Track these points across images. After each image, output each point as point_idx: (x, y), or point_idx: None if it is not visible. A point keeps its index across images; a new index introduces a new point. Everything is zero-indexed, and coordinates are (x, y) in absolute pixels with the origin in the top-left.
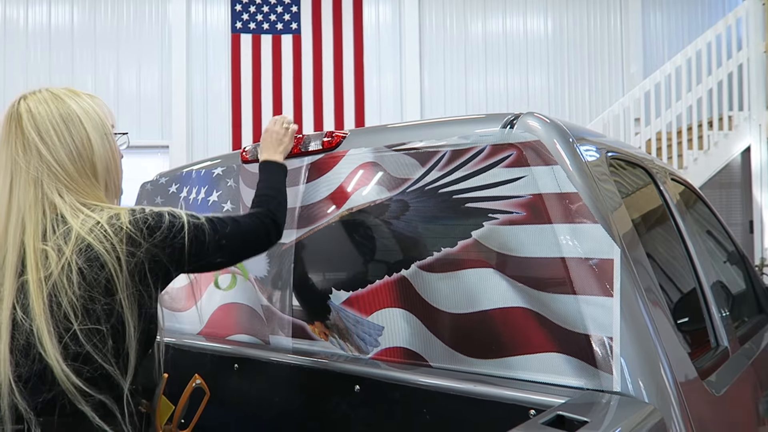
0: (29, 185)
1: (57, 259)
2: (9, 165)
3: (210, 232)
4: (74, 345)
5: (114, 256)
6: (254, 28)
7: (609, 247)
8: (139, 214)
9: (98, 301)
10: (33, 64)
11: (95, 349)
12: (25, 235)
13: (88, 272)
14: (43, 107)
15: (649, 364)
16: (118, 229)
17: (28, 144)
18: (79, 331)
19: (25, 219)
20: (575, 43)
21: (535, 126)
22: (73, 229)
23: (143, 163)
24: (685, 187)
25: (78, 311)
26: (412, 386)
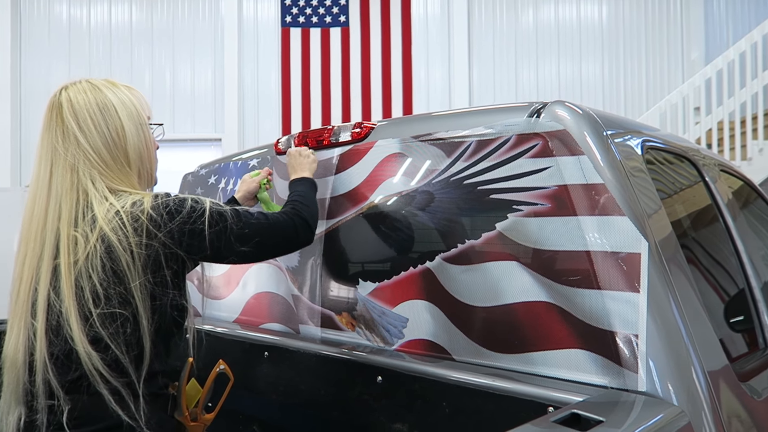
0: (67, 171)
1: (84, 246)
2: (50, 152)
3: (233, 219)
4: (94, 329)
5: (125, 247)
6: (303, 21)
7: (637, 242)
8: (161, 199)
9: (115, 289)
10: (95, 61)
11: (111, 335)
12: (61, 221)
13: (107, 260)
14: (81, 97)
15: (678, 363)
16: (136, 218)
17: (67, 132)
18: (97, 316)
19: (62, 205)
20: (632, 29)
21: (563, 115)
22: (97, 217)
23: (197, 155)
24: (740, 180)
25: (98, 297)
26: (433, 379)
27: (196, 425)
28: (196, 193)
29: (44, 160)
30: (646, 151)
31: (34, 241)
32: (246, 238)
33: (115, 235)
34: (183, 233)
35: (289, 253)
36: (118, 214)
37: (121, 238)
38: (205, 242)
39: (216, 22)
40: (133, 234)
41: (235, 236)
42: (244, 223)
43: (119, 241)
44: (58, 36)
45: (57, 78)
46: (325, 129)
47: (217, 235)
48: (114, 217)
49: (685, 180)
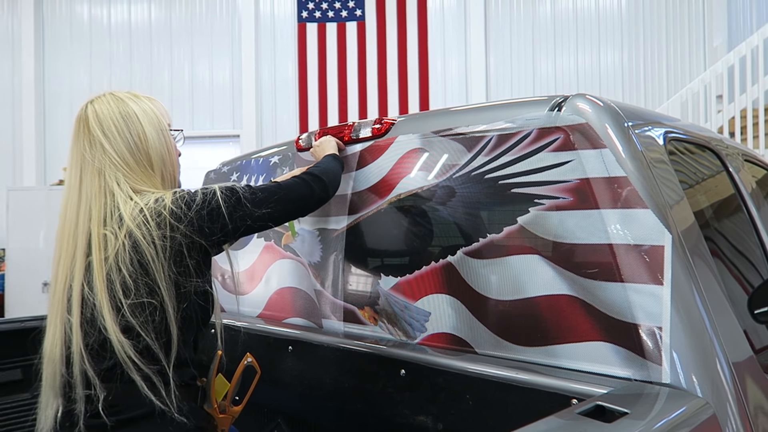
0: (95, 176)
1: (114, 242)
2: (79, 160)
3: (243, 189)
4: (125, 319)
5: (150, 241)
6: (319, 16)
7: (660, 234)
8: (179, 194)
9: (142, 280)
10: (116, 61)
11: (141, 324)
12: (91, 221)
13: (134, 254)
14: (105, 108)
15: (703, 355)
16: (159, 213)
17: (94, 140)
18: (127, 307)
19: (92, 206)
20: (652, 17)
21: (585, 108)
22: (123, 215)
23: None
24: (765, 169)
25: (128, 288)
26: (456, 372)
27: (225, 417)
28: None
29: (74, 168)
30: (668, 142)
31: (67, 242)
32: (261, 202)
33: (139, 231)
34: (202, 218)
35: (309, 210)
36: (141, 211)
37: (144, 233)
38: (225, 218)
39: (233, 19)
40: (156, 228)
41: (251, 202)
42: (255, 190)
43: (143, 235)
44: (79, 37)
45: (79, 78)
46: (345, 125)
47: (234, 207)
48: (138, 215)
49: (707, 170)
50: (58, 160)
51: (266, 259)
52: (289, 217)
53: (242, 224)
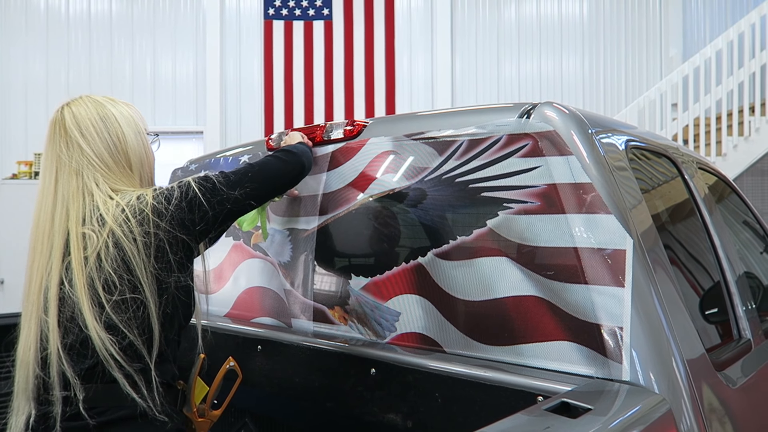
0: (72, 177)
1: (96, 240)
2: (54, 161)
3: (217, 175)
4: (107, 316)
5: (131, 239)
6: (286, 14)
7: (622, 238)
8: (158, 190)
9: (124, 277)
10: (74, 51)
11: (124, 321)
12: (69, 221)
13: (116, 252)
14: (83, 109)
15: (660, 354)
16: (140, 210)
17: (71, 141)
18: (110, 304)
19: (69, 207)
20: (611, 26)
21: (552, 116)
22: (104, 214)
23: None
24: (716, 177)
25: (110, 286)
26: (425, 371)
27: (203, 421)
28: None
29: (48, 170)
30: (629, 149)
31: (42, 243)
32: (236, 183)
33: (121, 229)
34: (182, 210)
35: (287, 185)
36: (123, 210)
37: (126, 231)
38: (204, 206)
39: (198, 13)
40: (138, 225)
41: (226, 186)
42: (229, 174)
43: (125, 233)
44: (35, 27)
45: (35, 70)
46: (317, 126)
47: (211, 193)
48: (120, 213)
49: (664, 177)
50: (11, 154)
51: (235, 258)
52: (268, 194)
53: (221, 209)
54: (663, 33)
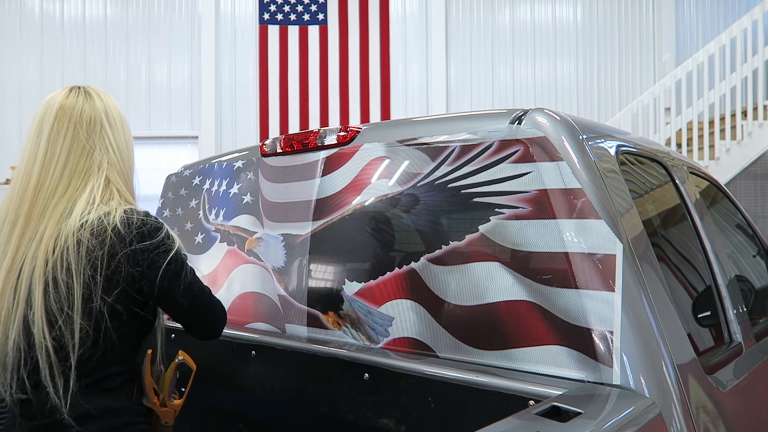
0: (86, 155)
1: (62, 244)
2: (71, 132)
3: (190, 272)
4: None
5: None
6: (281, 19)
7: (612, 243)
8: (135, 217)
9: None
10: (69, 56)
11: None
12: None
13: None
14: (109, 100)
15: (650, 358)
16: (104, 230)
17: (95, 118)
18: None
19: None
20: (605, 31)
21: (543, 122)
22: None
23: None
24: (707, 181)
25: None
26: (418, 375)
27: (166, 411)
28: (179, 194)
29: (59, 139)
30: (620, 154)
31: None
32: (190, 293)
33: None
34: (145, 257)
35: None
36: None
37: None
38: (159, 273)
39: (193, 18)
40: (98, 244)
41: (184, 286)
42: (197, 282)
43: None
44: (30, 31)
45: (30, 74)
46: (310, 132)
47: (173, 276)
48: (82, 223)
49: (655, 182)
50: (4, 159)
51: (229, 264)
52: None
53: (164, 290)
54: (656, 38)
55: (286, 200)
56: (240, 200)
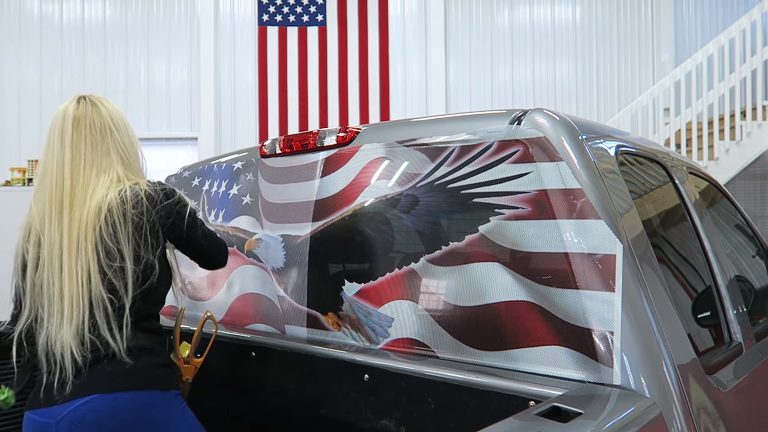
0: (105, 155)
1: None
2: (89, 138)
3: (202, 220)
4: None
5: (123, 217)
6: (280, 20)
7: (612, 243)
8: (157, 184)
9: (114, 246)
10: (68, 58)
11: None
12: (99, 184)
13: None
14: (112, 107)
15: (650, 358)
16: (136, 194)
17: (104, 124)
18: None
19: (100, 177)
20: (604, 32)
21: (542, 122)
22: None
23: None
24: (707, 181)
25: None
26: (418, 376)
27: (188, 367)
28: None
29: (82, 144)
30: (619, 155)
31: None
32: (203, 236)
33: (119, 208)
34: (170, 213)
35: (215, 265)
36: (122, 192)
37: (121, 211)
38: (184, 227)
39: (192, 20)
40: (131, 208)
41: (201, 231)
42: (206, 227)
43: (121, 212)
44: (29, 32)
45: (29, 76)
46: (310, 133)
47: (191, 222)
48: (123, 196)
49: (655, 182)
50: (4, 160)
51: (229, 265)
52: (206, 259)
53: (190, 234)
54: (655, 38)
55: (286, 201)
56: (239, 201)
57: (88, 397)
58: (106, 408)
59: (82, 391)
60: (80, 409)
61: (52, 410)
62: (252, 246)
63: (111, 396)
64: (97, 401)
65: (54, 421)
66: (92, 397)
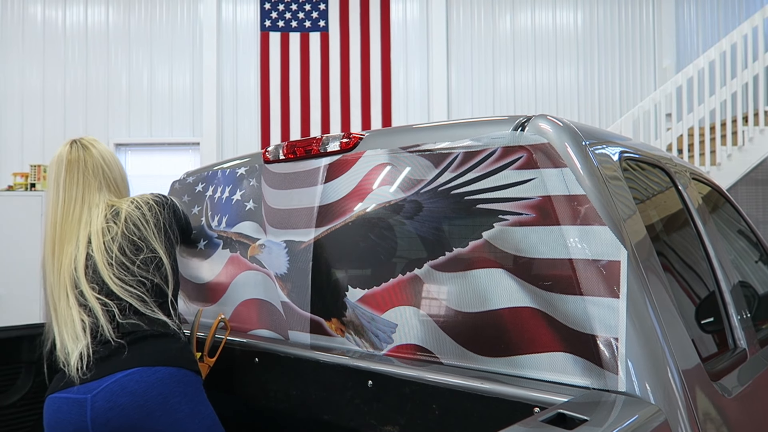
0: (96, 193)
1: (114, 228)
2: (80, 180)
3: (182, 209)
4: (126, 274)
5: (144, 219)
6: (283, 26)
7: (616, 249)
8: (155, 194)
9: (142, 245)
10: (71, 63)
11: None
12: (91, 222)
13: (133, 229)
14: (102, 147)
15: (655, 365)
16: (146, 203)
17: (96, 164)
18: (133, 265)
19: (92, 212)
20: (606, 38)
21: (546, 128)
22: (119, 211)
23: (175, 160)
24: (709, 187)
25: (132, 251)
26: (422, 383)
27: (202, 365)
28: (182, 200)
29: (73, 186)
30: (623, 160)
31: (69, 235)
32: (189, 222)
33: (136, 213)
34: (172, 215)
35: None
36: (134, 203)
37: (139, 215)
38: (183, 220)
39: (194, 25)
40: (148, 210)
41: (185, 219)
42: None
43: (139, 217)
44: (32, 38)
45: (31, 81)
46: (313, 138)
47: (185, 216)
48: (133, 208)
49: (658, 188)
50: (6, 165)
51: (232, 271)
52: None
53: (183, 228)
54: (656, 44)
55: (289, 207)
56: (243, 207)
57: (130, 370)
58: (148, 379)
59: (122, 365)
60: (121, 381)
61: (87, 386)
62: (255, 252)
63: (152, 369)
64: (139, 373)
65: (90, 396)
66: (134, 369)
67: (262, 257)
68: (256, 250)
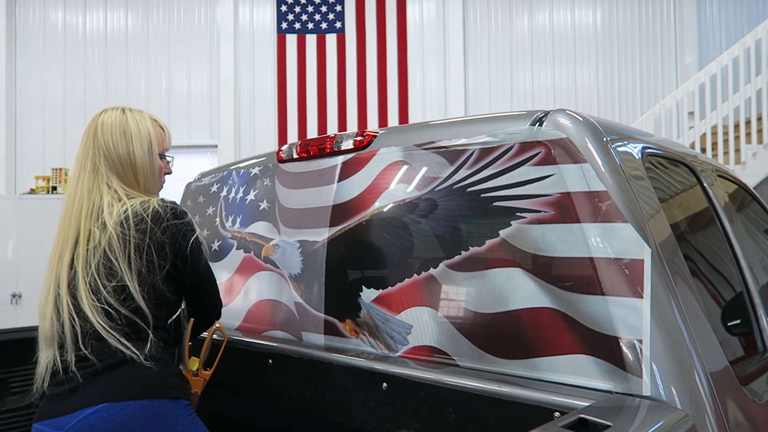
0: (92, 174)
1: (98, 235)
2: (83, 157)
3: (206, 257)
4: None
5: (123, 239)
6: (299, 28)
7: (640, 248)
8: (168, 203)
9: (115, 269)
10: (90, 67)
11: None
12: (81, 215)
13: (113, 246)
14: (112, 119)
15: (681, 368)
16: (140, 214)
17: (98, 143)
18: (104, 289)
19: (84, 201)
20: (626, 35)
21: (565, 123)
22: (107, 217)
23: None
24: (736, 184)
25: (107, 274)
26: (438, 385)
27: (197, 379)
28: (198, 201)
29: (79, 164)
30: (645, 157)
31: (63, 231)
32: (204, 268)
33: (117, 229)
34: (176, 234)
35: (211, 311)
36: (126, 212)
37: (119, 232)
38: (186, 252)
39: (212, 28)
40: (134, 227)
41: (202, 268)
42: (209, 270)
43: (120, 234)
44: (53, 43)
45: (53, 86)
46: (327, 137)
47: (196, 255)
48: (122, 215)
49: (682, 185)
50: (29, 169)
51: (246, 271)
52: (196, 298)
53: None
54: (678, 41)
55: (303, 206)
56: (256, 207)
57: (98, 406)
58: (116, 417)
59: (91, 400)
60: (89, 419)
61: (61, 420)
62: (269, 252)
63: (121, 405)
64: (107, 410)
65: None
66: (102, 406)
67: (276, 257)
68: (270, 251)
